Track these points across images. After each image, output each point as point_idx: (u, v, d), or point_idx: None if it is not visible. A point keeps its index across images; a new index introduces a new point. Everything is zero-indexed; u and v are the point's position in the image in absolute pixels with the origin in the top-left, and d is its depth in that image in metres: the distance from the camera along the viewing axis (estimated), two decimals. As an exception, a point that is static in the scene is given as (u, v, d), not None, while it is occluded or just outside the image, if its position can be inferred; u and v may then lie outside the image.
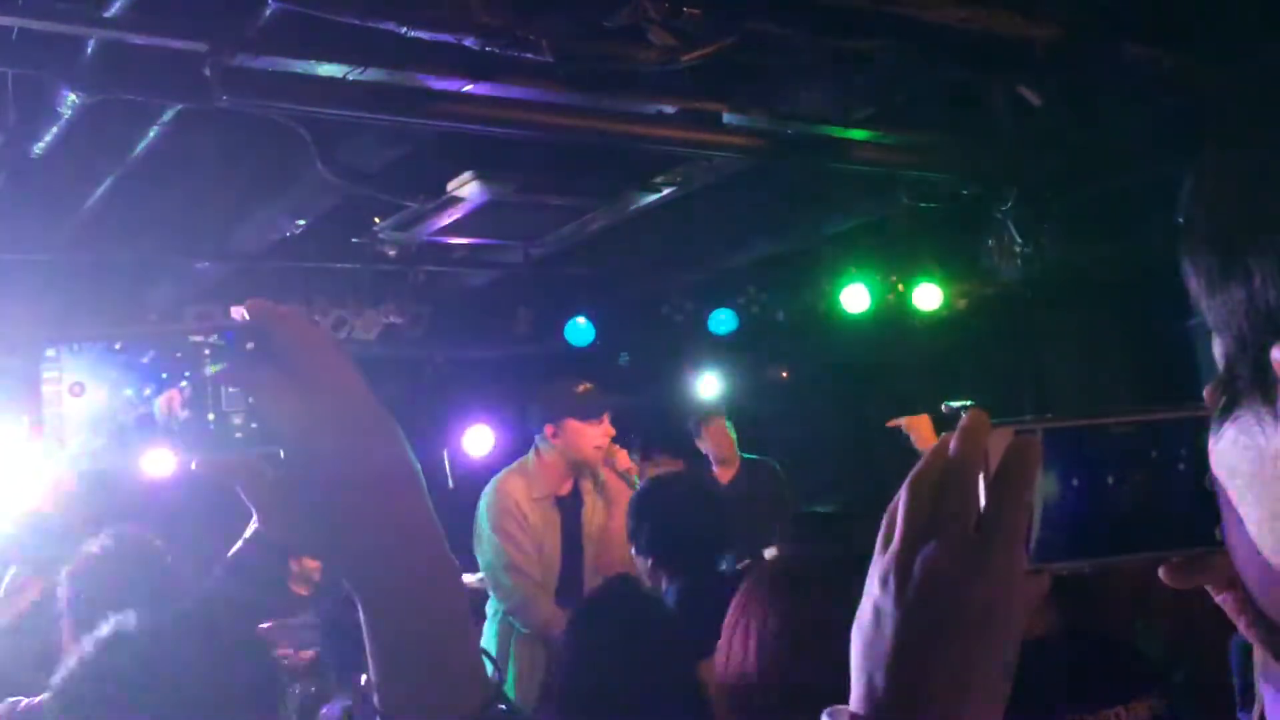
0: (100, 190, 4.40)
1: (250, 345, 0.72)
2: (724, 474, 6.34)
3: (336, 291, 6.20)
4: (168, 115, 3.71)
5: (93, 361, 0.72)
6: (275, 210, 4.97)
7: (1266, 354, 0.49)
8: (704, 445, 6.41)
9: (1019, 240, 5.50)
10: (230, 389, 0.72)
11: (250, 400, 0.72)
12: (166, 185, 4.47)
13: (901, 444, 4.51)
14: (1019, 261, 5.54)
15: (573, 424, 4.12)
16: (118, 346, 0.72)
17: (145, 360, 0.72)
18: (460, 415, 7.23)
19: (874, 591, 0.68)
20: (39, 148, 3.77)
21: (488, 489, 4.26)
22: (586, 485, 4.29)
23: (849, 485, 6.30)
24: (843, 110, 4.27)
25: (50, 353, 0.72)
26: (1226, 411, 0.54)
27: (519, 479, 4.16)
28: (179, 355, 0.72)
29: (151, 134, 3.85)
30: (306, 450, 0.72)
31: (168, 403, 0.71)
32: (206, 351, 0.71)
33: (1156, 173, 4.19)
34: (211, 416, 0.72)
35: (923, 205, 5.37)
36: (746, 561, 3.88)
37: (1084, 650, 1.96)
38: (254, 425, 0.72)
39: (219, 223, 5.18)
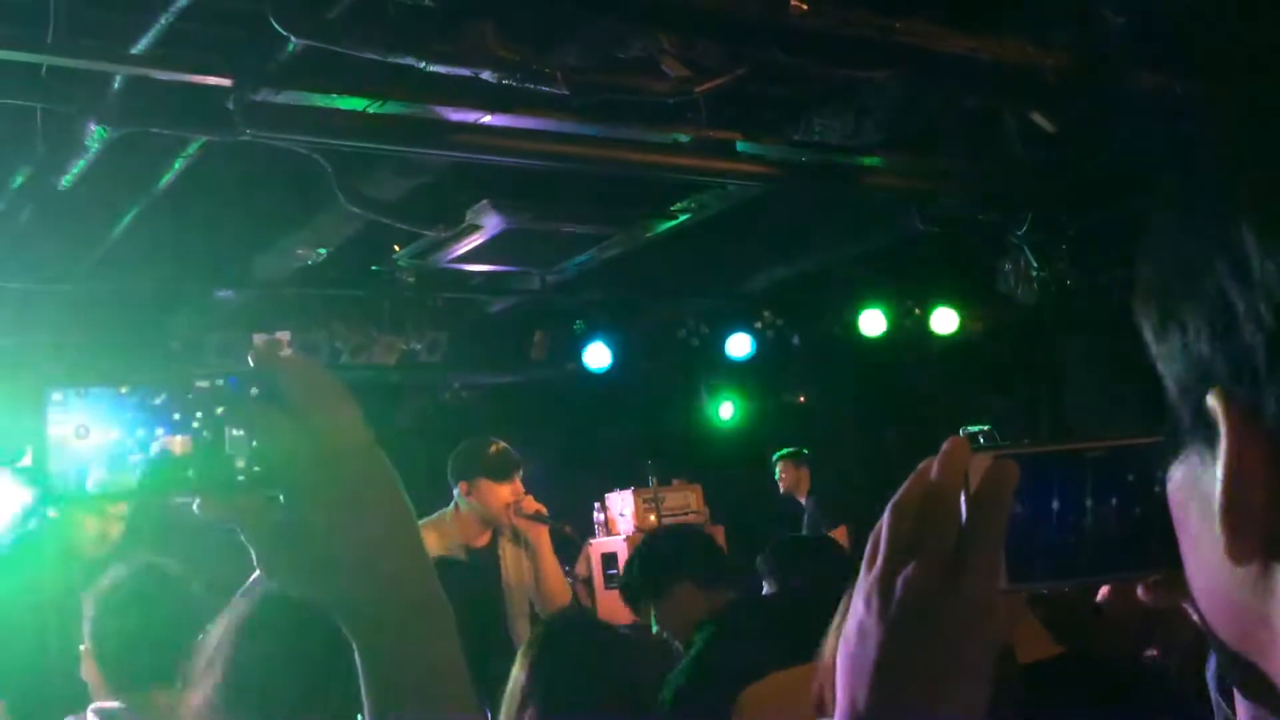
0: (125, 221, 4.48)
1: (255, 390, 0.73)
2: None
3: (356, 318, 6.26)
4: (192, 148, 3.78)
5: (101, 405, 0.72)
6: (296, 239, 5.04)
7: (1204, 401, 0.51)
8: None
9: (1035, 264, 5.51)
10: (235, 432, 0.73)
11: (254, 444, 0.73)
12: (189, 215, 4.54)
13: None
14: (1035, 285, 5.55)
15: (484, 483, 4.24)
16: (124, 390, 0.72)
17: (158, 402, 0.73)
18: (479, 440, 7.26)
19: (858, 610, 0.71)
20: (66, 180, 3.84)
21: None
22: (504, 540, 4.38)
23: (865, 510, 6.29)
24: (856, 137, 4.30)
25: (57, 396, 0.72)
26: (1174, 453, 0.56)
27: (433, 532, 4.20)
28: (191, 398, 0.73)
29: (176, 166, 3.91)
30: (306, 495, 0.74)
31: (178, 444, 0.72)
32: (216, 395, 0.73)
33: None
34: (216, 459, 0.73)
35: (938, 230, 5.39)
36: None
37: (1094, 672, 1.97)
38: (257, 469, 0.73)
39: (241, 251, 5.24)
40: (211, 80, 3.30)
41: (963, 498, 0.69)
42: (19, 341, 5.19)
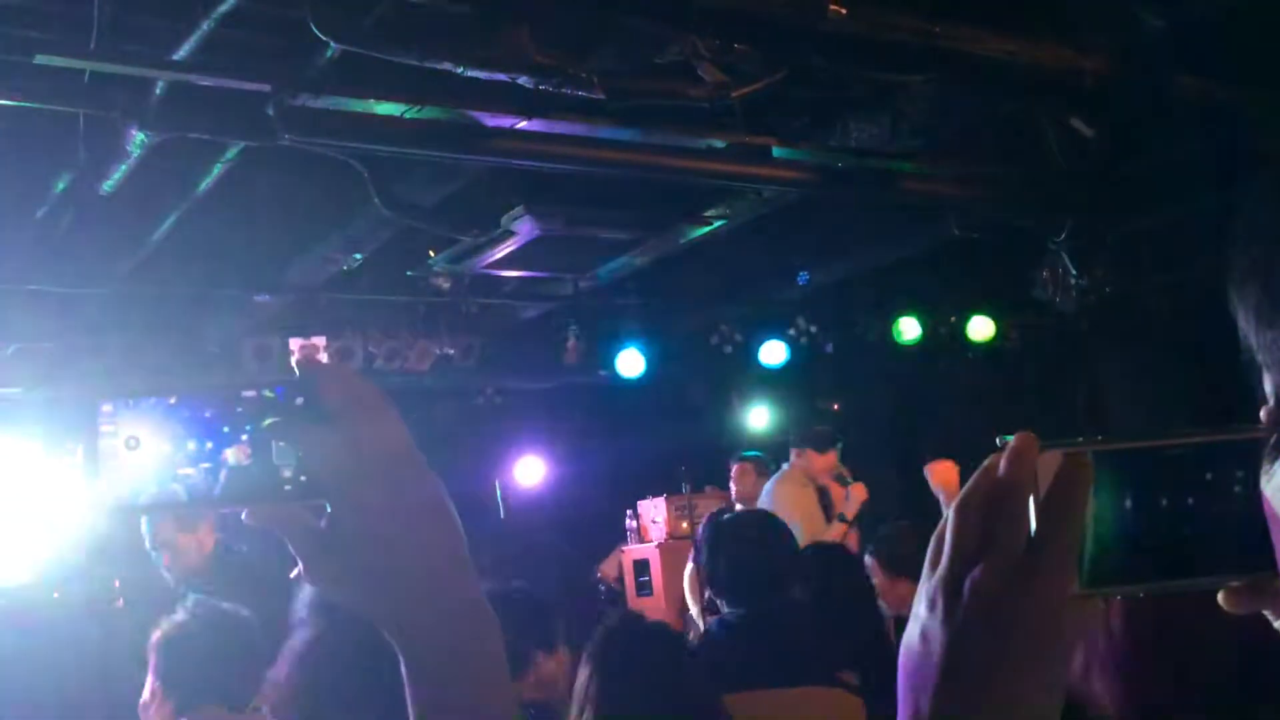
0: (165, 225, 4.52)
1: (300, 400, 0.74)
2: None
3: (391, 323, 6.29)
4: (231, 153, 3.81)
5: (150, 416, 0.73)
6: (332, 244, 5.07)
7: None
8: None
9: (1073, 271, 5.45)
10: (280, 442, 0.73)
11: (299, 454, 0.73)
12: (227, 220, 4.58)
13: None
14: (1074, 292, 5.49)
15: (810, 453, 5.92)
16: (172, 401, 0.74)
17: (208, 415, 0.73)
18: (511, 446, 7.28)
19: (920, 614, 0.67)
20: (107, 185, 3.89)
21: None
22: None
23: (901, 518, 6.24)
24: (893, 143, 4.27)
25: (106, 407, 0.73)
26: (1278, 449, 0.54)
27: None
28: (240, 410, 0.74)
29: (215, 171, 3.95)
30: (351, 504, 0.74)
31: (226, 456, 0.73)
32: (262, 406, 0.74)
33: (1211, 202, 4.15)
34: (263, 469, 0.73)
35: (974, 236, 5.35)
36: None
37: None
38: (303, 478, 0.73)
39: (277, 256, 5.28)
40: (251, 86, 3.33)
41: (1031, 497, 0.65)
42: (59, 344, 5.26)
